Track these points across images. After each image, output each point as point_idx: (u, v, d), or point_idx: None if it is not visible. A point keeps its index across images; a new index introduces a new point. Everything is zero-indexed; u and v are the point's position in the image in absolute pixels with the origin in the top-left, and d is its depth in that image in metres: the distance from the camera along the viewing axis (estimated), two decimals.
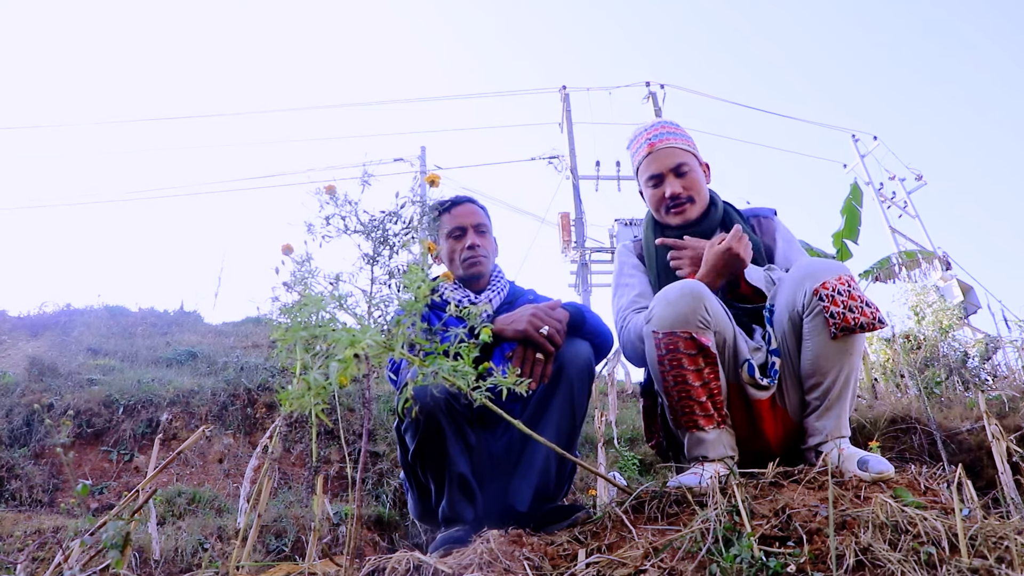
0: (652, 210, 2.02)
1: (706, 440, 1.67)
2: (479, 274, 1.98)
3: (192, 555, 2.76)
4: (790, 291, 1.69)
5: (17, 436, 4.14)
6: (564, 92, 14.23)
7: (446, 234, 1.99)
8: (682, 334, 1.63)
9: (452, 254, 1.98)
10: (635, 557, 1.26)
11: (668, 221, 1.97)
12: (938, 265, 9.79)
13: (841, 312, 1.58)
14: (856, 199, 8.20)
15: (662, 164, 1.95)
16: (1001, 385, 4.54)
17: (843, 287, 1.61)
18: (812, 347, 1.66)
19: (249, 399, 4.68)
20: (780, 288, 1.74)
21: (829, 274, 1.63)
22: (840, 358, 1.65)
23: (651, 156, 1.97)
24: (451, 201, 2.04)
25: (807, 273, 1.66)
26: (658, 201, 1.97)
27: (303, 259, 1.27)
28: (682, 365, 1.64)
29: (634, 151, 2.05)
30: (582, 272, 13.05)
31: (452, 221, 1.99)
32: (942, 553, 1.12)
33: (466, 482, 1.62)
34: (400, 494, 3.78)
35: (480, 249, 1.97)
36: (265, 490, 1.66)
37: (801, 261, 1.78)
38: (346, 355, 1.11)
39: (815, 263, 1.70)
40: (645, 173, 1.99)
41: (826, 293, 1.60)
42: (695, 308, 1.63)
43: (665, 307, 1.66)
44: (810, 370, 1.68)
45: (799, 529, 1.23)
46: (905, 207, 14.65)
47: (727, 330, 1.71)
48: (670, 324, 1.64)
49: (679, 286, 1.68)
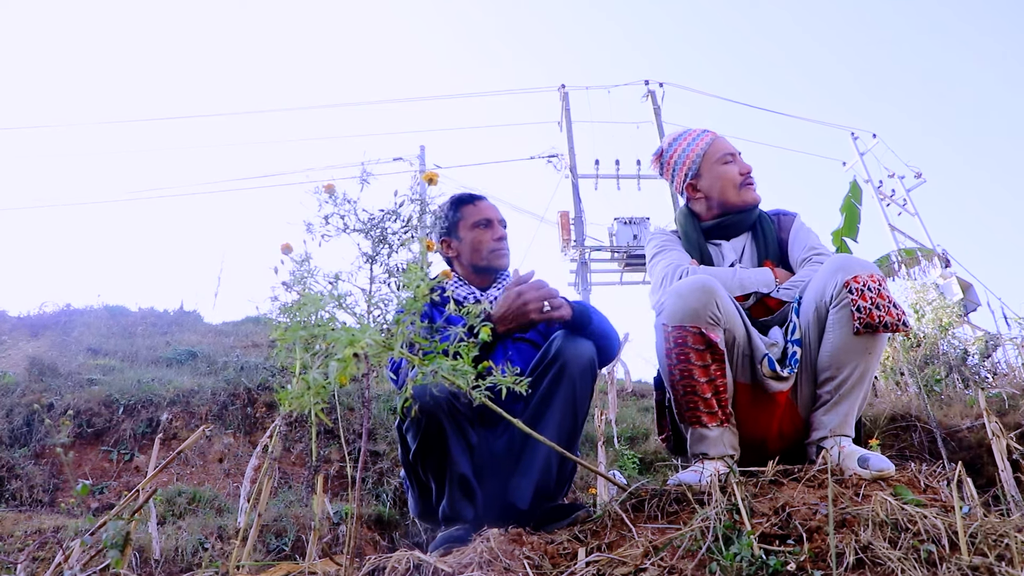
0: (725, 187, 2.02)
1: (708, 437, 1.68)
2: (503, 267, 2.00)
3: (192, 555, 2.76)
4: (821, 281, 1.70)
5: (17, 436, 4.14)
6: (563, 91, 14.22)
7: (471, 224, 1.99)
8: (692, 328, 1.64)
9: (477, 244, 1.97)
10: (635, 555, 1.26)
11: (745, 198, 2.00)
12: (937, 263, 9.79)
13: (868, 308, 1.59)
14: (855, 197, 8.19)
15: (731, 146, 2.05)
16: (1001, 383, 4.54)
17: (874, 284, 1.62)
18: (833, 339, 1.66)
19: (249, 399, 4.68)
20: (812, 279, 1.75)
21: (862, 269, 1.64)
22: (859, 355, 1.65)
23: (719, 139, 2.06)
24: (472, 195, 2.06)
25: (840, 265, 1.67)
26: (736, 176, 2.00)
27: (302, 258, 1.27)
28: (689, 360, 1.65)
29: (688, 142, 2.08)
30: (582, 271, 13.05)
31: (478, 212, 2.01)
32: (942, 551, 1.12)
33: (467, 482, 1.62)
34: (400, 493, 3.78)
35: (506, 242, 2.01)
36: (265, 489, 1.66)
37: (837, 255, 1.79)
38: (345, 354, 1.11)
39: (850, 258, 1.71)
40: (719, 152, 2.03)
41: (856, 287, 1.61)
42: (706, 303, 1.63)
43: (676, 300, 1.66)
44: (827, 363, 1.68)
45: (799, 527, 1.23)
46: (904, 205, 14.66)
47: (738, 328, 1.71)
48: (680, 318, 1.65)
49: (691, 280, 1.69)
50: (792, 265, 1.96)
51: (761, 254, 1.97)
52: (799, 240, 1.97)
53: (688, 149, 2.07)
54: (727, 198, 2.01)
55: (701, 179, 2.05)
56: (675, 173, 2.10)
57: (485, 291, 1.97)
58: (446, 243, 2.04)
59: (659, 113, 13.86)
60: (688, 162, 2.06)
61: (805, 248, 1.93)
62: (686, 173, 2.07)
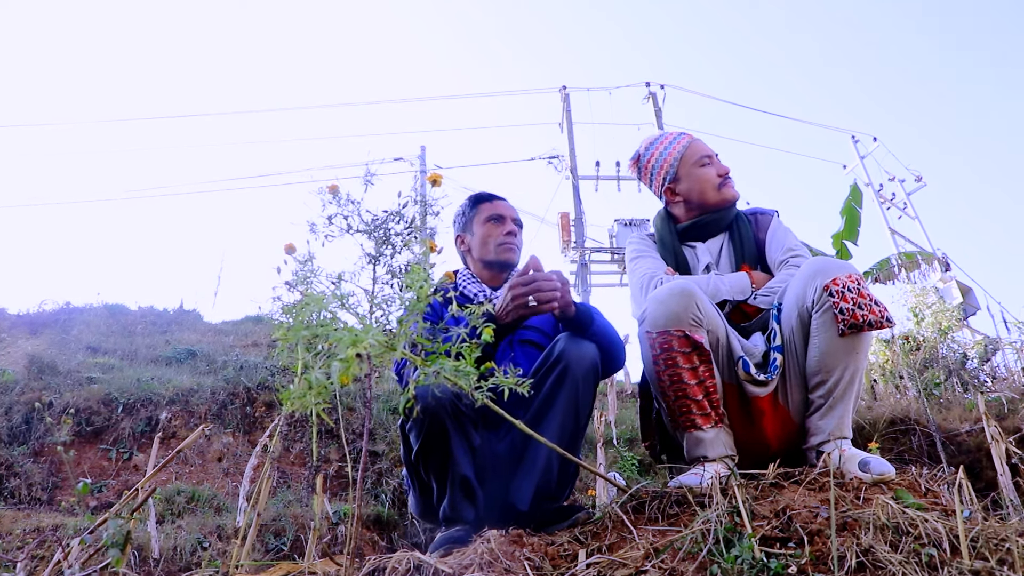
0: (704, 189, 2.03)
1: (705, 439, 1.68)
2: (510, 261, 2.01)
3: (191, 554, 2.76)
4: (800, 287, 1.70)
5: (16, 434, 4.14)
6: (564, 92, 14.23)
7: (484, 219, 2.03)
8: (676, 332, 1.64)
9: (487, 238, 2.00)
10: (636, 558, 1.26)
11: (725, 195, 2.02)
12: (937, 266, 9.79)
13: (851, 308, 1.59)
14: (856, 200, 8.20)
15: (708, 148, 2.06)
16: (1000, 387, 4.55)
17: (853, 285, 1.62)
18: (819, 344, 1.66)
19: (248, 398, 4.68)
20: (790, 285, 1.75)
21: (840, 271, 1.64)
22: (847, 356, 1.65)
23: (696, 142, 2.08)
24: (492, 194, 2.09)
25: (818, 270, 1.67)
26: (714, 177, 2.03)
27: (305, 258, 1.27)
28: (677, 364, 1.65)
29: (665, 146, 2.09)
30: (582, 272, 13.04)
31: (493, 209, 2.04)
32: (943, 555, 1.12)
33: (468, 482, 1.62)
34: (399, 494, 3.78)
35: (516, 239, 2.03)
36: (264, 489, 1.66)
37: (812, 259, 1.78)
38: (348, 354, 1.11)
39: (826, 260, 1.71)
40: (696, 155, 2.05)
41: (836, 289, 1.61)
42: (687, 306, 1.64)
43: (657, 306, 1.67)
44: (816, 367, 1.68)
45: (800, 530, 1.23)
46: (905, 208, 14.67)
47: (719, 329, 1.72)
48: (663, 323, 1.65)
49: (668, 286, 1.70)
50: (770, 265, 1.96)
51: (738, 255, 1.97)
52: (776, 240, 1.97)
53: (665, 153, 2.08)
54: (706, 199, 2.03)
55: (679, 183, 2.06)
56: (653, 178, 2.12)
57: (495, 290, 1.98)
58: (460, 238, 2.09)
59: (660, 115, 13.88)
60: (666, 166, 2.08)
61: (783, 249, 1.93)
62: (664, 177, 2.08)
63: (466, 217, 2.07)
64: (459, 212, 2.11)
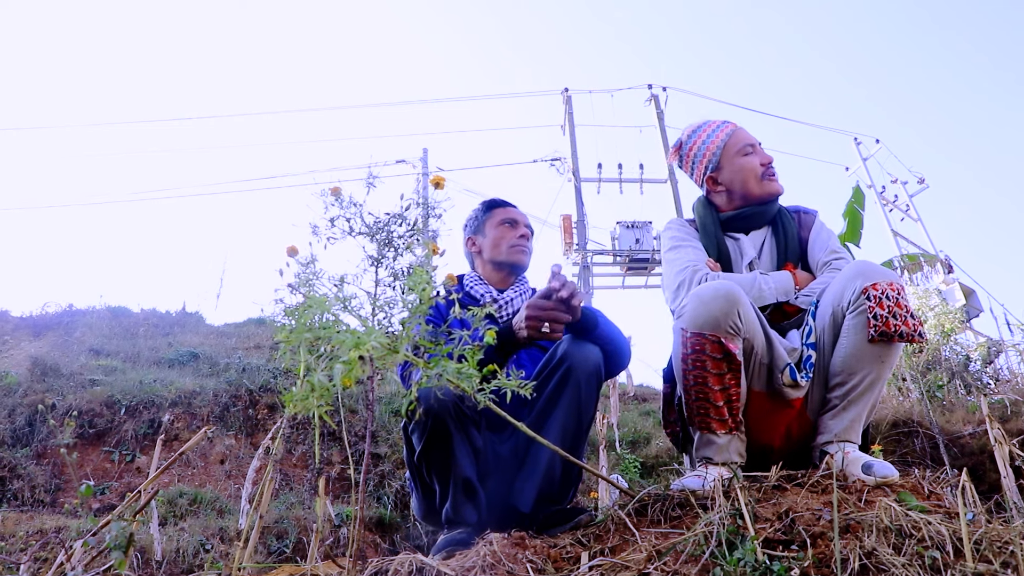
0: (747, 179, 1.98)
1: (716, 443, 1.66)
2: (521, 263, 2.05)
3: (194, 556, 2.77)
4: (840, 286, 1.69)
5: (19, 436, 4.15)
6: (566, 94, 14.23)
7: (498, 222, 2.07)
8: (710, 337, 1.61)
9: (500, 240, 2.05)
10: (638, 560, 1.26)
11: (768, 189, 1.98)
12: (940, 268, 9.79)
13: (885, 316, 1.58)
14: (858, 202, 8.20)
15: (752, 136, 2.03)
16: (1003, 389, 4.54)
17: (893, 293, 1.60)
18: (847, 345, 1.65)
19: (251, 400, 4.68)
20: (830, 284, 1.74)
21: (882, 277, 1.62)
22: (871, 362, 1.64)
23: (739, 130, 2.04)
24: (506, 201, 2.14)
25: (860, 271, 1.65)
26: (757, 167, 1.98)
27: (308, 261, 1.27)
28: (705, 368, 1.63)
29: (708, 134, 2.05)
30: (584, 274, 13.03)
31: (507, 214, 2.09)
32: (946, 557, 1.12)
33: (471, 485, 1.62)
34: (402, 496, 3.78)
35: (528, 243, 2.07)
36: (267, 491, 1.66)
37: (857, 260, 1.76)
38: (350, 357, 1.11)
39: (871, 264, 1.69)
40: (739, 143, 2.00)
41: (875, 294, 1.60)
42: (728, 312, 1.61)
43: (698, 305, 1.63)
44: (839, 368, 1.67)
45: (803, 533, 1.23)
46: (907, 210, 14.64)
47: (758, 337, 1.68)
48: (700, 324, 1.62)
49: (714, 286, 1.65)
50: (812, 267, 1.93)
51: (781, 251, 1.94)
52: (820, 241, 1.94)
53: (708, 141, 2.04)
54: (749, 190, 1.98)
55: (722, 172, 2.01)
56: (695, 166, 2.07)
57: (502, 292, 1.98)
58: (471, 240, 2.12)
59: (662, 117, 13.87)
60: (708, 154, 2.03)
61: (827, 251, 1.91)
62: (706, 166, 2.03)
63: (479, 220, 2.11)
64: (471, 216, 2.15)
